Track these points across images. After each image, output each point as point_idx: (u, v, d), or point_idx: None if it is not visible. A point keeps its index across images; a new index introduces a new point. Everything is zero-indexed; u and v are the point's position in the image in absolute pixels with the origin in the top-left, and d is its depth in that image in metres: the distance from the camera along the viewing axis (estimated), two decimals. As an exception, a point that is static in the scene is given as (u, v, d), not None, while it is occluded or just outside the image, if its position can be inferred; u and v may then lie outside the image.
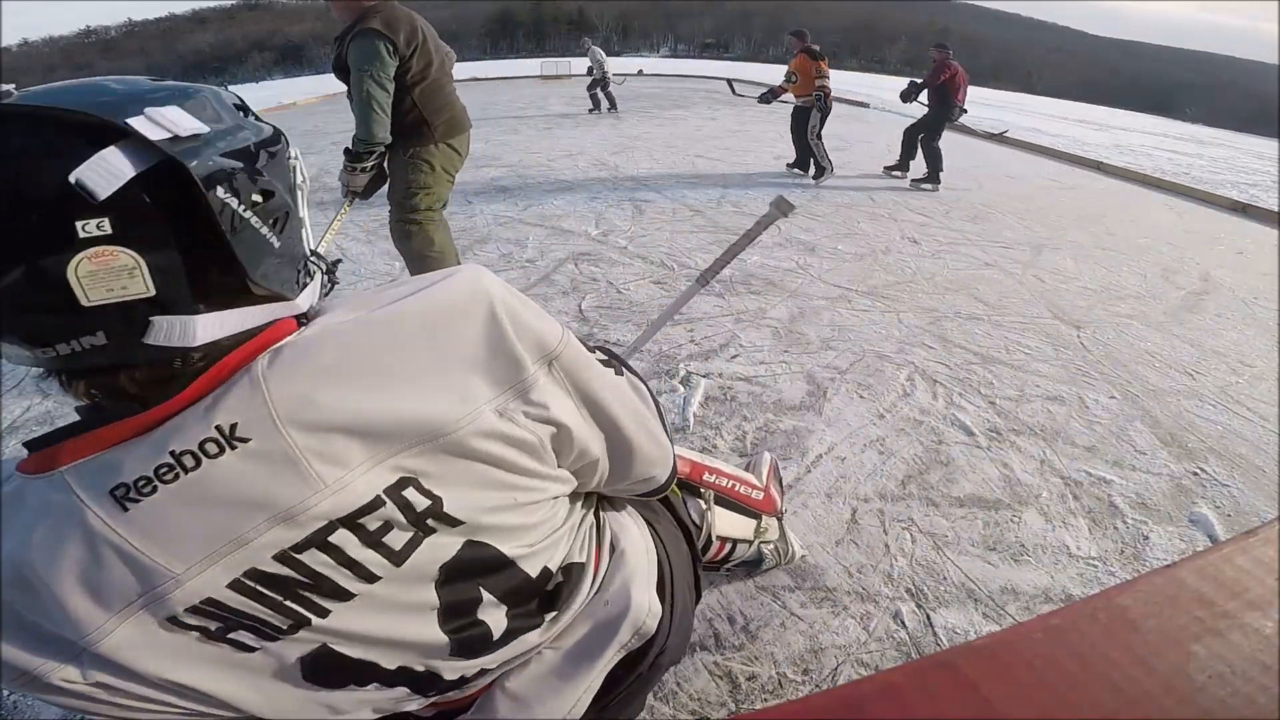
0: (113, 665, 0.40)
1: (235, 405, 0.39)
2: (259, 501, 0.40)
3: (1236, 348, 2.54)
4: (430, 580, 0.48)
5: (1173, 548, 1.49)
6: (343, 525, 0.42)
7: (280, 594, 0.42)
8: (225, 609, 0.41)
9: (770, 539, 1.25)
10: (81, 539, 0.38)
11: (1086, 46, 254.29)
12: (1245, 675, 0.36)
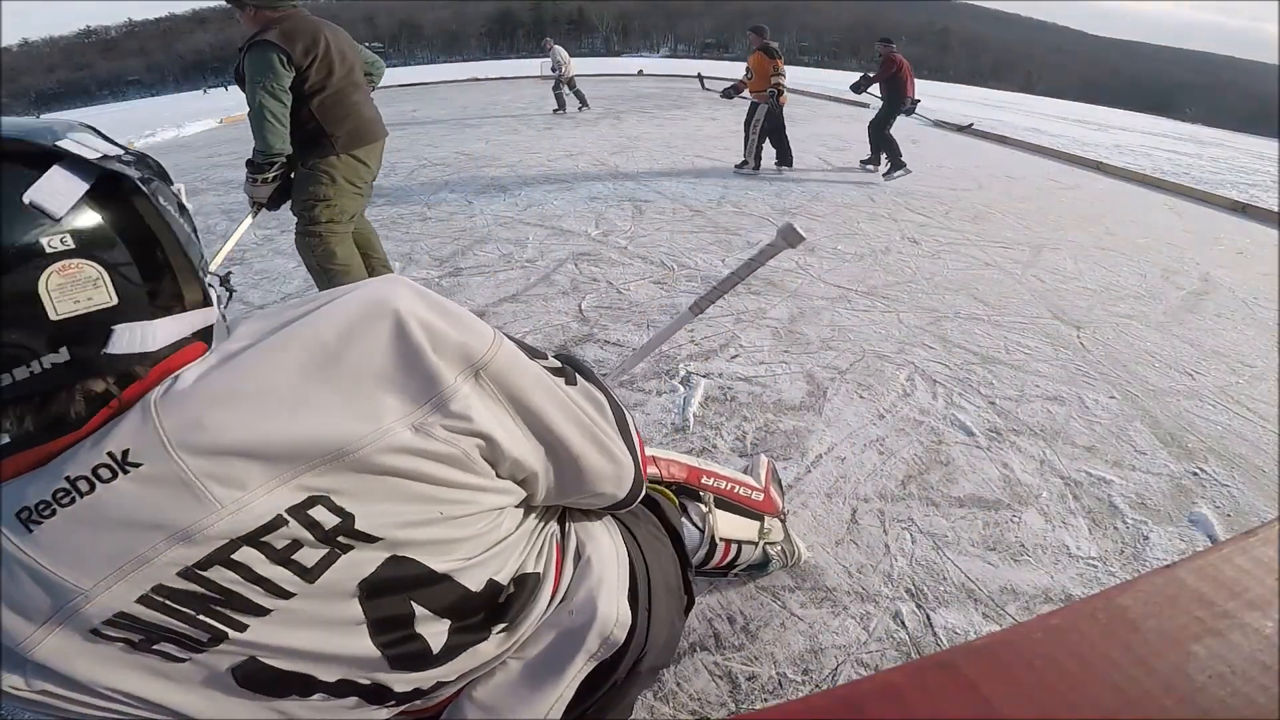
0: (50, 673, 0.41)
1: (126, 433, 0.40)
2: (154, 522, 0.40)
3: (1236, 348, 2.54)
4: (350, 595, 0.47)
5: (1173, 548, 1.49)
6: (245, 544, 0.42)
7: (192, 609, 0.42)
8: (139, 622, 0.42)
9: (775, 540, 1.25)
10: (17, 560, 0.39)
11: (1086, 46, 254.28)
12: (1245, 675, 0.36)
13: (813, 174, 5.56)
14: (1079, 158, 7.13)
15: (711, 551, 1.10)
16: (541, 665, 0.58)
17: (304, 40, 1.83)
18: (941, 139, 8.35)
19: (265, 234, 3.97)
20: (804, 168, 5.79)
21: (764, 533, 1.20)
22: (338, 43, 1.94)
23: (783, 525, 1.29)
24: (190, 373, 0.42)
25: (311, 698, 0.49)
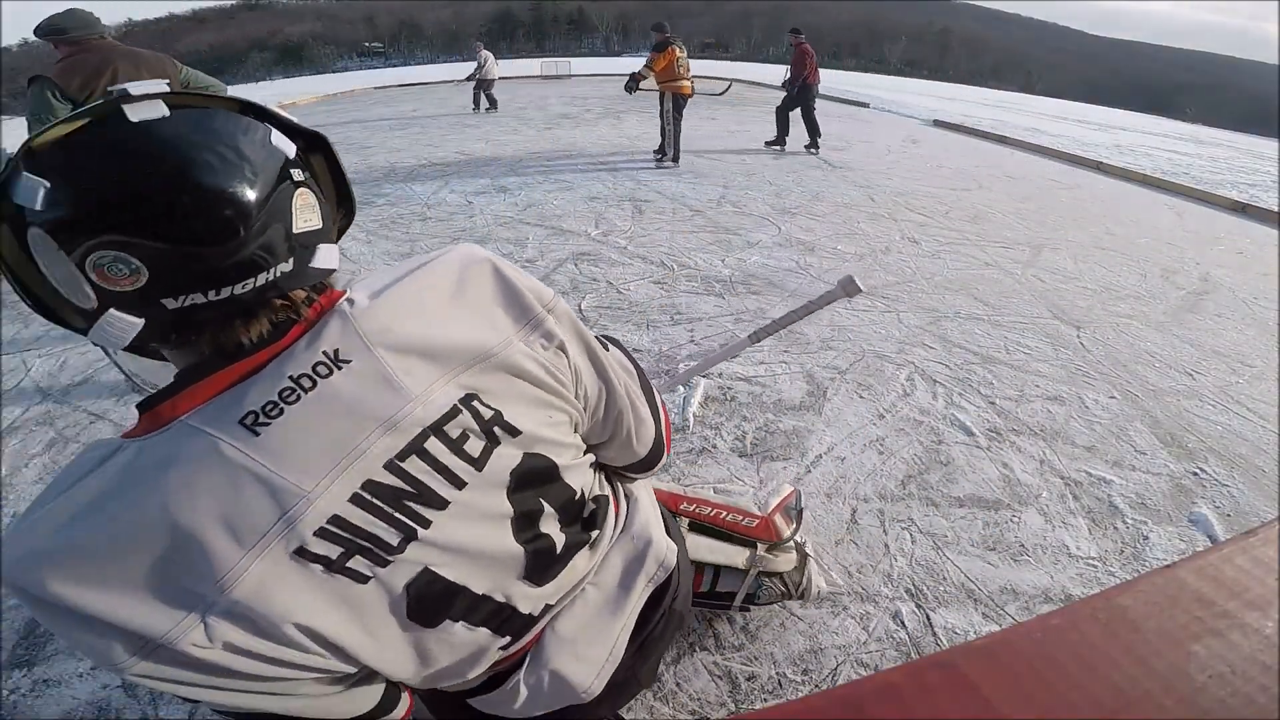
0: (241, 617, 0.42)
1: (333, 336, 0.46)
2: (367, 412, 0.45)
3: (1236, 348, 2.54)
4: (503, 487, 0.53)
5: (1173, 548, 1.49)
6: (433, 433, 0.48)
7: (391, 505, 0.47)
8: (347, 527, 0.45)
9: (777, 569, 1.15)
10: (218, 471, 0.41)
11: (1086, 46, 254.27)
12: (1245, 675, 0.36)
13: (812, 173, 5.56)
14: (1079, 158, 7.13)
15: None
16: (611, 589, 0.66)
17: (83, 74, 1.91)
18: (941, 138, 8.35)
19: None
20: (803, 166, 5.79)
21: (757, 560, 1.13)
22: (132, 74, 2.00)
23: (799, 556, 1.19)
24: (359, 295, 0.50)
25: (456, 625, 0.53)
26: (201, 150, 0.41)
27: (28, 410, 2.07)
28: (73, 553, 0.40)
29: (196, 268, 0.41)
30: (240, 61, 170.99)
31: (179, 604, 0.41)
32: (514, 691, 0.61)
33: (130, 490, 0.41)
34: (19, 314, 2.88)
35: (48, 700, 1.13)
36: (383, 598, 0.48)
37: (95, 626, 0.40)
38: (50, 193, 0.38)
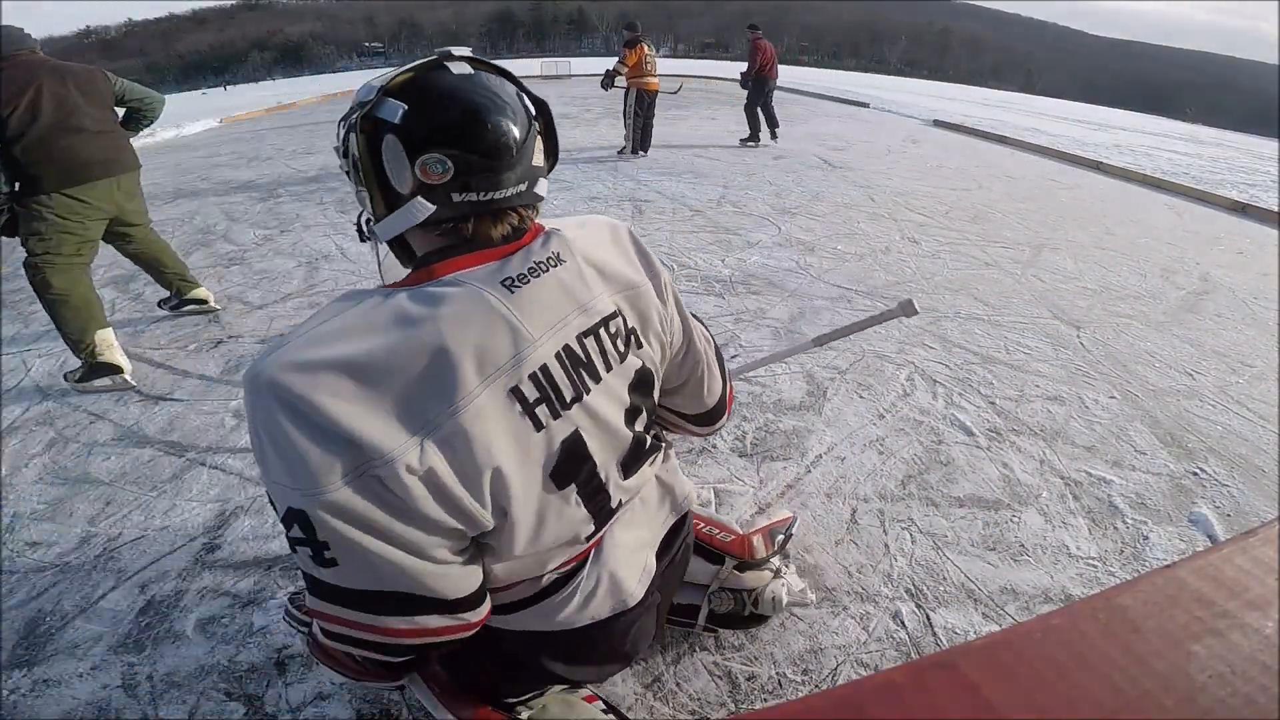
0: (451, 445, 0.54)
1: (554, 245, 0.65)
2: (573, 297, 0.64)
3: (1236, 348, 2.54)
4: (627, 382, 0.70)
5: (1173, 548, 1.48)
6: (602, 325, 0.66)
7: (573, 368, 0.63)
8: (547, 377, 0.60)
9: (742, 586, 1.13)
10: (481, 312, 0.57)
11: (1086, 46, 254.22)
12: (1245, 675, 0.36)
13: (812, 173, 5.56)
14: (1079, 158, 7.13)
15: None
16: (653, 505, 0.83)
17: (7, 90, 1.93)
18: (941, 138, 8.35)
19: (265, 234, 3.97)
20: (803, 166, 5.79)
21: (714, 577, 1.11)
22: (58, 89, 2.04)
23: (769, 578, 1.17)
24: (558, 225, 0.69)
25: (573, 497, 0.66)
26: (494, 98, 0.60)
27: (28, 410, 2.07)
28: (340, 366, 0.52)
29: (480, 175, 0.59)
30: (240, 61, 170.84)
31: (410, 426, 0.53)
32: (569, 596, 0.72)
33: (407, 318, 0.55)
34: (19, 314, 2.88)
35: (48, 700, 1.13)
36: (543, 449, 0.61)
37: (329, 439, 0.51)
38: (407, 113, 0.57)
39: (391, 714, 1.08)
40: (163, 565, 1.41)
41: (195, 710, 1.10)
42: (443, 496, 0.55)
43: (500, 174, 0.60)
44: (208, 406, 2.05)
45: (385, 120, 0.58)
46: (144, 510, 1.59)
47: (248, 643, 1.22)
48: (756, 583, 1.13)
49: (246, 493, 1.64)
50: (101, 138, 2.16)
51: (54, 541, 1.49)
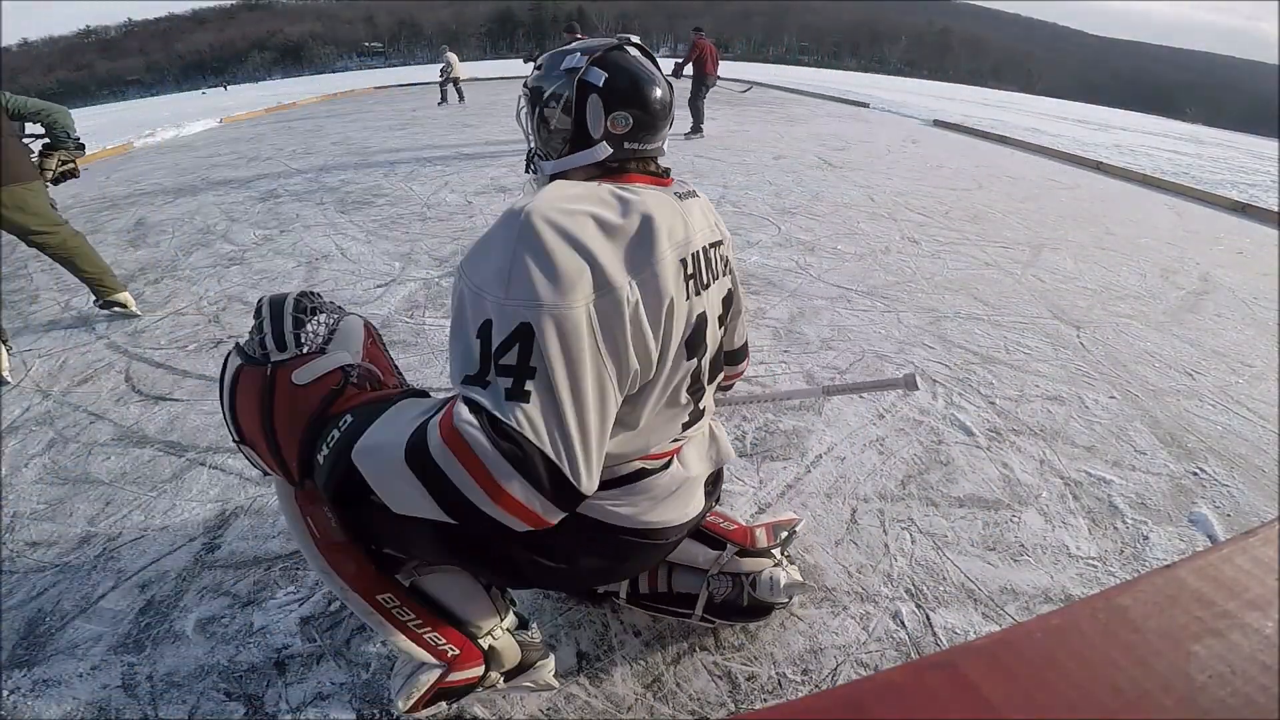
0: (649, 286, 0.72)
1: (686, 187, 0.87)
2: (707, 219, 0.88)
3: (1236, 348, 2.54)
4: (721, 295, 0.90)
5: (1173, 548, 1.48)
6: (714, 246, 0.87)
7: (706, 264, 0.83)
8: (696, 261, 0.80)
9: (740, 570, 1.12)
10: (668, 205, 0.79)
11: (1086, 46, 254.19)
12: (1245, 675, 0.36)
13: (812, 173, 5.56)
14: (1079, 158, 7.13)
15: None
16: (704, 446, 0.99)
17: None
18: (941, 138, 8.35)
19: (265, 234, 3.97)
20: (803, 166, 5.78)
21: (715, 562, 1.11)
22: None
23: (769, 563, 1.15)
24: None
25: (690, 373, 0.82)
26: (656, 75, 0.82)
27: (28, 410, 2.07)
28: (588, 214, 0.71)
29: (646, 130, 0.80)
30: (240, 61, 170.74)
31: (628, 267, 0.70)
32: (648, 486, 0.85)
33: (623, 198, 0.75)
34: (19, 314, 2.88)
35: (48, 700, 1.13)
36: (685, 315, 0.77)
37: (581, 259, 0.67)
38: (608, 79, 0.78)
39: (392, 714, 1.08)
40: (163, 565, 1.41)
41: (195, 710, 1.10)
42: (638, 330, 0.71)
43: (658, 131, 0.82)
44: (208, 406, 2.05)
45: (591, 83, 0.77)
46: (144, 510, 1.59)
47: (248, 643, 1.22)
48: (755, 568, 1.12)
49: (246, 493, 1.64)
50: None
51: (54, 541, 1.49)
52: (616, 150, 0.80)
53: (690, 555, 1.12)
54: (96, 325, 2.72)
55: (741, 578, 1.14)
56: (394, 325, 2.60)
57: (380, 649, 1.20)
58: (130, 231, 4.17)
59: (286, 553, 1.44)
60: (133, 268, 3.47)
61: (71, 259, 2.55)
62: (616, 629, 1.23)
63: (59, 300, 3.02)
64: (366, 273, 3.23)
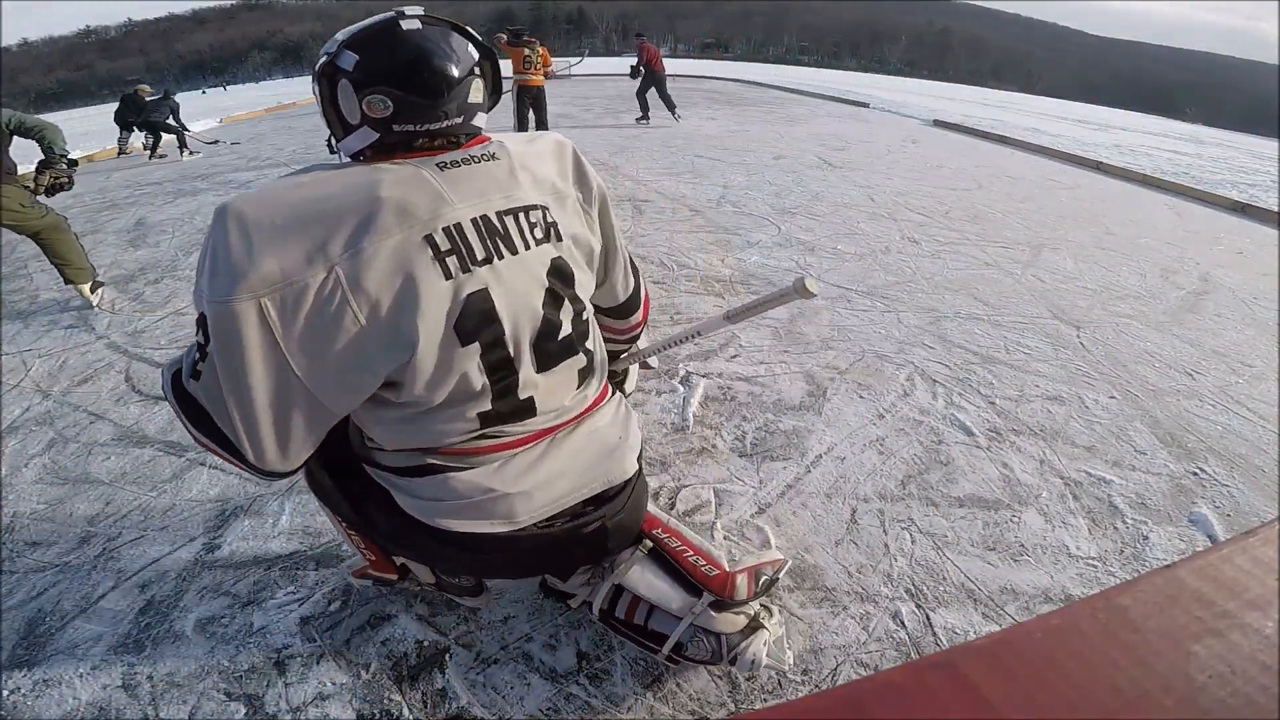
0: (363, 274, 0.66)
1: (491, 147, 0.79)
2: (499, 184, 0.77)
3: (1236, 348, 2.54)
4: (545, 266, 0.79)
5: (1173, 548, 1.48)
6: (522, 212, 0.77)
7: (488, 235, 0.74)
8: (460, 234, 0.72)
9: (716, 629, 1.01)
10: (414, 181, 0.71)
11: (1086, 46, 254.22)
12: (1245, 675, 0.36)
13: (812, 173, 5.56)
14: (1079, 158, 7.13)
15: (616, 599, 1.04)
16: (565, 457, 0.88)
17: None
18: (941, 138, 8.35)
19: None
20: (803, 166, 5.79)
21: (688, 610, 1.02)
22: None
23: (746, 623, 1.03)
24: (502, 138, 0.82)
25: (475, 357, 0.74)
26: (436, 46, 0.72)
27: (28, 410, 2.07)
28: (289, 202, 0.67)
29: (418, 110, 0.72)
30: (240, 61, 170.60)
31: (329, 256, 0.65)
32: (439, 485, 0.80)
33: (354, 176, 0.70)
34: (19, 313, 2.88)
35: (48, 700, 1.13)
36: (449, 298, 0.70)
37: (262, 254, 0.64)
38: (358, 62, 0.71)
39: (392, 714, 1.08)
40: (163, 565, 1.41)
41: (195, 710, 1.10)
42: (342, 317, 0.66)
43: (437, 110, 0.72)
44: (208, 406, 2.04)
45: (341, 68, 0.72)
46: (144, 510, 1.59)
47: (248, 643, 1.22)
48: (730, 628, 1.02)
49: (246, 492, 1.64)
50: None
51: (54, 541, 1.49)
52: (384, 134, 0.73)
53: (663, 595, 1.02)
54: (96, 325, 2.72)
55: (722, 646, 1.02)
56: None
57: (380, 649, 1.20)
58: (130, 231, 4.17)
59: (287, 553, 1.44)
60: (133, 268, 3.47)
61: (48, 244, 2.81)
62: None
63: (59, 300, 3.02)
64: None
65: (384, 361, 0.70)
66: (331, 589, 1.33)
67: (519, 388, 0.78)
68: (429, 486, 0.81)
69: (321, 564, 1.40)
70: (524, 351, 0.78)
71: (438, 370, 0.72)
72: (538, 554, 0.89)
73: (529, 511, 0.82)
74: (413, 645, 1.20)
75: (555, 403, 0.83)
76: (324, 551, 1.44)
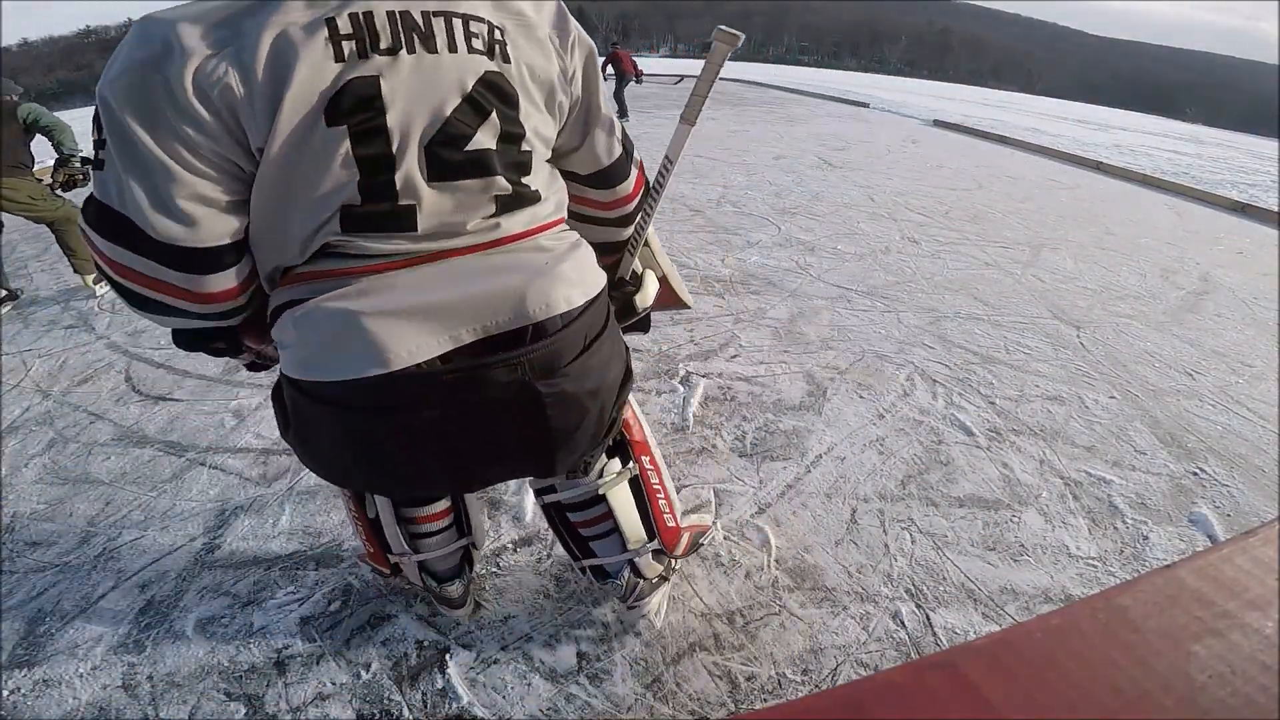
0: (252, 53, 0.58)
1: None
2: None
3: (1236, 348, 2.54)
4: (473, 75, 0.67)
5: (1173, 548, 1.49)
6: (460, 18, 0.66)
7: (404, 28, 0.64)
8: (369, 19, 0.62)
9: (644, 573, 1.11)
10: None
11: (1086, 46, 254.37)
12: (1245, 675, 0.36)
13: (812, 173, 5.56)
14: (1079, 158, 7.13)
15: (585, 507, 1.07)
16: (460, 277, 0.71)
17: None
18: (941, 138, 8.35)
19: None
20: (803, 166, 5.79)
21: (639, 548, 1.08)
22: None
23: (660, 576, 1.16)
24: None
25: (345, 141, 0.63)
26: None
27: (28, 410, 2.07)
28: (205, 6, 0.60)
29: None
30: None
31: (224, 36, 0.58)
32: (302, 320, 0.68)
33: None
34: (19, 314, 2.88)
35: (48, 700, 1.13)
36: (332, 79, 0.61)
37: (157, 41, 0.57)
38: None
39: (392, 714, 1.09)
40: (163, 565, 1.41)
41: (195, 710, 1.10)
42: (225, 99, 0.58)
43: None
44: (208, 406, 2.05)
45: None
46: (144, 510, 1.59)
47: (248, 643, 1.22)
48: (651, 574, 1.13)
49: (246, 493, 1.64)
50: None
51: (54, 541, 1.49)
52: None
53: (629, 525, 1.06)
54: (96, 325, 2.72)
55: (637, 589, 1.14)
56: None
57: (380, 649, 1.20)
58: (130, 231, 4.16)
59: (287, 553, 1.44)
60: (133, 268, 3.47)
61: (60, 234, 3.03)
62: (616, 629, 1.23)
63: (59, 300, 3.02)
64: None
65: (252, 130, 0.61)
66: (331, 589, 1.33)
67: (397, 193, 0.66)
68: (292, 327, 0.69)
69: (321, 564, 1.40)
70: (410, 152, 0.65)
71: (295, 150, 0.62)
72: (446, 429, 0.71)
73: (405, 345, 0.66)
74: (413, 645, 1.20)
75: (446, 222, 0.69)
76: (324, 551, 1.44)
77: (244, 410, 2.01)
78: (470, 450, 0.75)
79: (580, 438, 0.79)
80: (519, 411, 0.72)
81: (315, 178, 0.63)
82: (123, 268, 0.65)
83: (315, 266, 0.69)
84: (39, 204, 2.89)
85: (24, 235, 4.29)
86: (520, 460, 0.81)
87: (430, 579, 1.17)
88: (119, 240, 0.63)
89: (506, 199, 0.72)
